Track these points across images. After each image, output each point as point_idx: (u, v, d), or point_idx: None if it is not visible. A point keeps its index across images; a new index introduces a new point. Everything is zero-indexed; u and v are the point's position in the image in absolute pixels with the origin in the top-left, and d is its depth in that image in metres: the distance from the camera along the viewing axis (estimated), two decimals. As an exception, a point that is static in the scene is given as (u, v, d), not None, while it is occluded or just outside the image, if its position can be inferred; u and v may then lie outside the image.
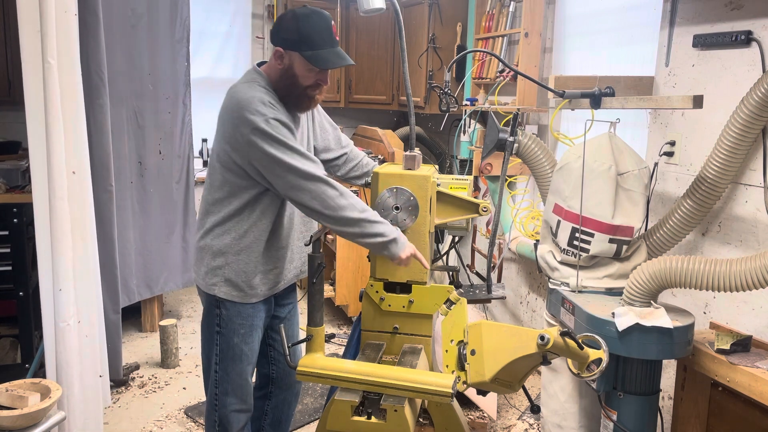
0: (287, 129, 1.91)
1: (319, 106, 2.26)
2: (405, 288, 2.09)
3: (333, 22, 1.99)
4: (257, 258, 2.09)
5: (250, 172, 1.97)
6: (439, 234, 2.46)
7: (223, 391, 2.15)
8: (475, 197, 2.57)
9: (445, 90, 2.59)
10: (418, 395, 1.85)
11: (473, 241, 3.91)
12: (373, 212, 1.94)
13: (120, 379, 3.35)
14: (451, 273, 2.49)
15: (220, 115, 2.00)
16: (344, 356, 2.42)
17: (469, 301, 2.43)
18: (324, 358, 1.96)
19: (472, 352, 1.97)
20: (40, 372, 2.91)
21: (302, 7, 1.97)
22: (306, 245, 2.05)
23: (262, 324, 2.20)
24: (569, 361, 1.93)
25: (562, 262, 2.40)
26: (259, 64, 2.08)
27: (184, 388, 3.39)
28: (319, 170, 1.91)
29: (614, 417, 2.18)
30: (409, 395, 1.84)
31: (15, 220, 3.03)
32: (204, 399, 3.17)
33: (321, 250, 1.94)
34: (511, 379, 1.92)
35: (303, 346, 2.01)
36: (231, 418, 2.17)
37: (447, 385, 1.81)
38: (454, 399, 1.92)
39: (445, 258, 2.59)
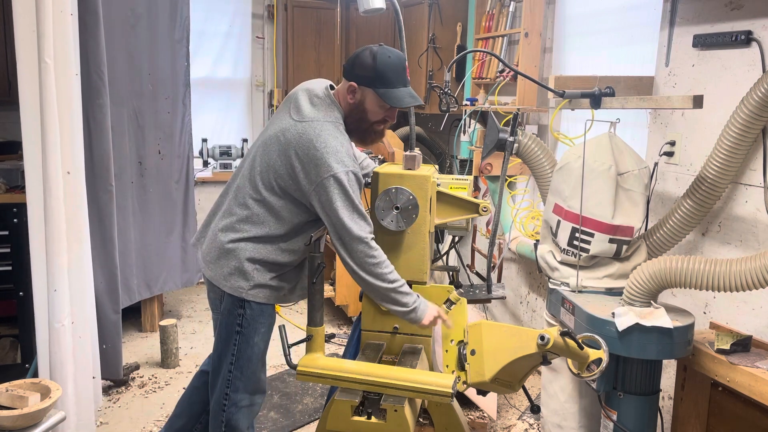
0: (359, 185, 1.98)
1: None
2: (405, 288, 2.09)
3: (407, 63, 2.05)
4: (290, 270, 2.13)
5: (306, 205, 2.02)
6: (439, 234, 2.47)
7: (234, 389, 2.15)
8: (475, 197, 2.57)
9: (445, 90, 2.60)
10: (418, 395, 1.85)
11: (473, 241, 3.91)
12: (401, 282, 2.01)
13: (120, 379, 3.35)
14: (451, 273, 2.49)
15: (288, 141, 1.98)
16: (344, 356, 2.42)
17: (469, 301, 2.43)
18: (324, 358, 1.97)
19: (472, 352, 1.97)
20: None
21: (378, 46, 2.02)
22: (306, 245, 2.05)
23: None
24: (569, 361, 1.93)
25: (562, 262, 2.40)
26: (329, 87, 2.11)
27: (184, 388, 3.39)
28: (367, 233, 1.97)
29: (614, 417, 2.18)
30: (409, 395, 1.84)
31: (15, 220, 3.03)
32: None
33: (321, 250, 1.95)
34: (511, 379, 1.92)
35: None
36: (240, 415, 2.17)
37: (447, 385, 1.81)
38: (454, 399, 1.92)
39: (445, 258, 2.59)
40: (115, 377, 3.29)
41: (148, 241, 3.81)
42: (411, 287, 2.08)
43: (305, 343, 1.99)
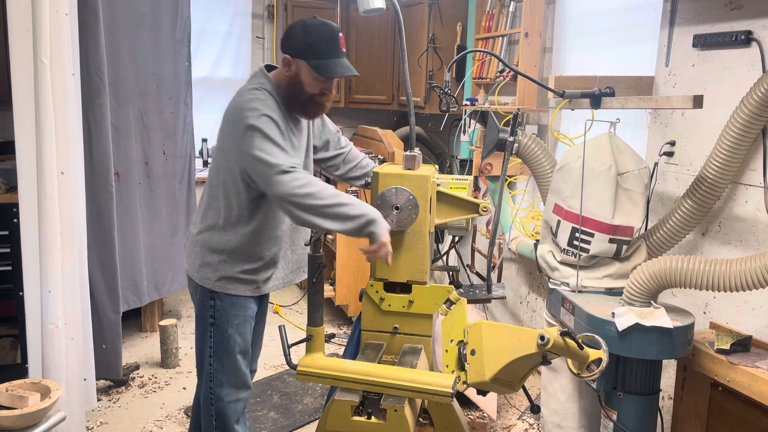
0: (276, 127, 1.95)
1: None
2: (405, 288, 2.09)
3: (341, 34, 2.06)
4: (253, 258, 2.12)
5: (243, 174, 2.00)
6: (439, 234, 2.46)
7: (218, 384, 2.18)
8: (475, 197, 2.57)
9: (445, 90, 2.60)
10: (418, 395, 1.84)
11: (473, 241, 3.91)
12: (343, 196, 1.91)
13: (120, 379, 3.35)
14: (451, 273, 2.49)
15: (224, 116, 2.06)
16: (344, 356, 2.42)
17: (469, 301, 2.43)
18: (324, 358, 1.96)
19: (472, 352, 1.96)
20: (40, 372, 2.91)
21: (312, 18, 2.02)
22: (306, 245, 2.05)
23: (254, 315, 2.24)
24: (569, 361, 1.93)
25: (562, 262, 2.40)
26: (267, 67, 2.12)
27: (184, 388, 3.39)
28: (286, 162, 1.89)
29: (614, 417, 2.18)
30: (409, 395, 1.84)
31: (15, 220, 3.02)
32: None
33: (321, 250, 1.94)
34: (511, 379, 1.91)
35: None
36: (228, 410, 2.19)
37: (447, 385, 1.81)
38: (454, 399, 1.92)
39: (445, 258, 2.59)
40: (115, 377, 3.29)
41: (156, 242, 3.81)
42: (411, 288, 2.08)
43: (305, 343, 1.99)
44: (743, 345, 2.06)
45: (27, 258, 2.55)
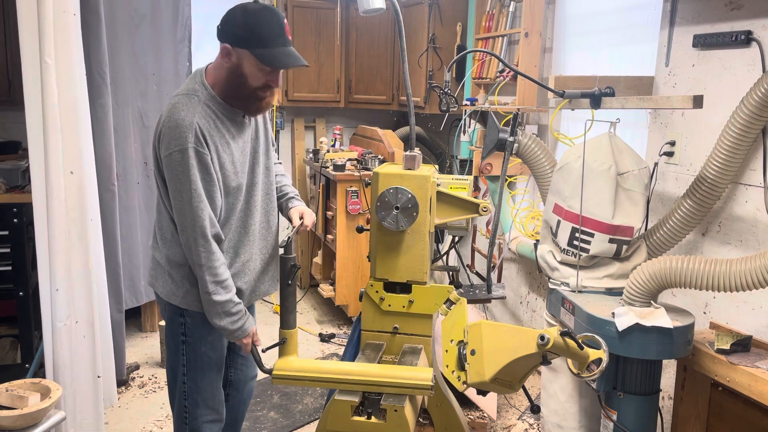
0: (198, 162, 1.80)
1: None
2: (405, 288, 2.09)
3: (286, 20, 1.86)
4: None
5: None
6: (439, 234, 2.46)
7: (193, 403, 2.05)
8: (475, 197, 2.57)
9: (445, 90, 2.60)
10: (400, 390, 1.84)
11: (473, 241, 3.91)
12: (224, 295, 1.89)
13: (121, 378, 3.35)
14: (451, 273, 2.49)
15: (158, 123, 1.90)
16: (344, 356, 2.43)
17: (469, 301, 2.43)
18: (298, 360, 1.96)
19: (472, 352, 1.96)
20: (40, 372, 2.91)
21: (253, 3, 1.82)
22: (280, 246, 2.01)
23: None
24: (569, 361, 1.93)
25: (562, 262, 2.40)
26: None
27: (184, 388, 3.39)
28: (198, 225, 1.82)
29: (614, 417, 2.18)
30: (390, 391, 1.84)
31: (15, 220, 3.03)
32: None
33: (293, 252, 1.92)
34: (511, 379, 1.91)
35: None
36: (204, 430, 2.09)
37: (426, 378, 1.81)
38: (454, 399, 1.92)
39: (445, 258, 2.59)
40: (119, 377, 3.29)
41: None
42: (411, 288, 2.08)
43: (279, 346, 1.98)
44: (743, 345, 2.06)
45: (40, 258, 2.56)
